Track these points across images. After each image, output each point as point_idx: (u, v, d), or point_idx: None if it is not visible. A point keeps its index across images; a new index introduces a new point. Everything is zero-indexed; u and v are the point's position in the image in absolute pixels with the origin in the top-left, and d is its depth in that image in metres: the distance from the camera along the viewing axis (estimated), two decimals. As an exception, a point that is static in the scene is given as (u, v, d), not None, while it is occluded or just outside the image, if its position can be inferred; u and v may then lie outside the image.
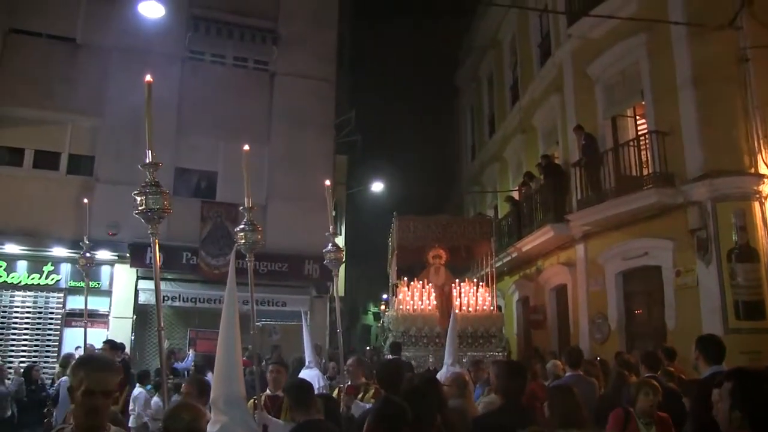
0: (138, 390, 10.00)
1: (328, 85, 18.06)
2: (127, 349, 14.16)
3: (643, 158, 12.34)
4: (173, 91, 16.09)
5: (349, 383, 7.26)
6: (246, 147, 5.58)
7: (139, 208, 4.06)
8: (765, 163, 11.01)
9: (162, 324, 4.37)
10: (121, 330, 14.74)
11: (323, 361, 12.89)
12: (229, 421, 3.94)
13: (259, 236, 5.72)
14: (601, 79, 14.00)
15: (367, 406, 6.35)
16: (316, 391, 5.66)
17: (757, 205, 10.82)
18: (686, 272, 11.18)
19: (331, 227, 7.00)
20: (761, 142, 11.12)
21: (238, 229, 5.65)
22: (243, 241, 5.54)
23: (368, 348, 29.71)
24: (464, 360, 11.01)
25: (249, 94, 17.05)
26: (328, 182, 7.01)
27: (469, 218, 15.80)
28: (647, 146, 12.15)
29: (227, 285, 4.46)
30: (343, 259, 7.17)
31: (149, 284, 15.42)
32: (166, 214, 4.14)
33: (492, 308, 12.35)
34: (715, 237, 10.73)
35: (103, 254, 15.02)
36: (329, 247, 7.08)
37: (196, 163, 16.18)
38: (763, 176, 10.87)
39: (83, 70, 15.66)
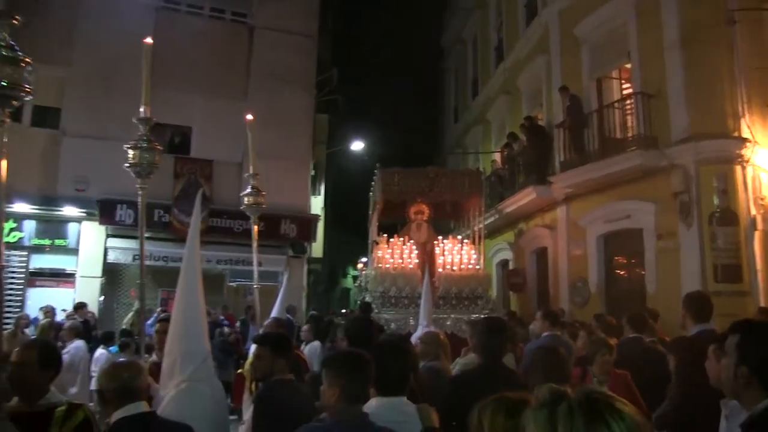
0: (100, 351, 9.58)
1: (310, 40, 17.61)
2: (95, 310, 13.86)
3: (628, 121, 12.21)
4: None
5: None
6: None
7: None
8: (748, 127, 10.93)
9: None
10: (88, 290, 14.42)
11: (296, 322, 12.73)
12: (194, 380, 3.70)
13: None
14: (588, 40, 13.75)
15: None
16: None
17: (739, 168, 10.77)
18: (668, 235, 11.10)
19: (251, 167, 6.71)
20: (745, 105, 11.05)
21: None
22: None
23: (344, 311, 29.58)
24: (448, 323, 10.79)
25: (226, 47, 16.57)
26: (250, 116, 6.75)
27: (457, 170, 15.22)
28: (632, 108, 12.00)
29: (188, 235, 4.16)
30: (264, 204, 6.92)
31: (119, 242, 15.04)
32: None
33: (478, 267, 12.03)
34: (697, 200, 10.69)
35: (70, 211, 14.61)
36: (248, 189, 6.78)
37: (170, 118, 15.51)
38: (746, 140, 10.80)
39: (49, 16, 14.82)
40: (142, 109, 4.57)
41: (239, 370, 6.23)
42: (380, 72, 42.78)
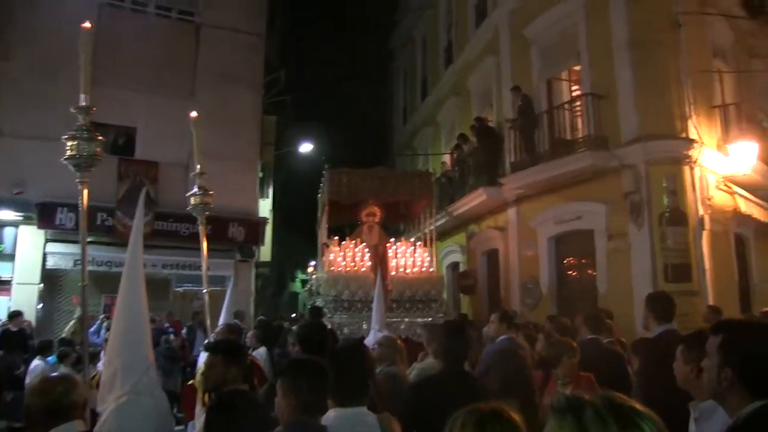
0: (36, 362, 9.14)
1: (258, 39, 17.29)
2: (32, 318, 13.31)
3: (578, 122, 12.26)
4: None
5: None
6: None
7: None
8: (695, 128, 11.11)
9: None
10: (25, 297, 13.83)
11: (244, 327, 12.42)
12: (136, 393, 3.43)
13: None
14: (538, 41, 13.78)
15: None
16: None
17: (687, 169, 10.94)
18: (618, 236, 11.17)
19: (197, 166, 6.48)
20: (692, 107, 11.26)
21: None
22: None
23: (294, 315, 29.20)
24: (402, 326, 10.62)
25: (172, 45, 16.11)
26: (194, 113, 6.53)
27: (407, 172, 15.10)
28: (582, 109, 12.03)
29: (131, 237, 3.88)
30: (211, 205, 6.67)
31: (59, 247, 14.45)
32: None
33: (432, 270, 11.90)
34: (647, 200, 10.79)
35: (6, 214, 14.00)
36: (195, 189, 6.55)
37: (114, 118, 15.02)
38: (693, 141, 10.96)
39: (-20, 10, 14.22)
40: (81, 98, 4.22)
41: (190, 381, 5.92)
42: (329, 74, 42.54)
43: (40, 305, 14.41)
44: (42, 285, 14.47)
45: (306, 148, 24.29)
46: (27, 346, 10.82)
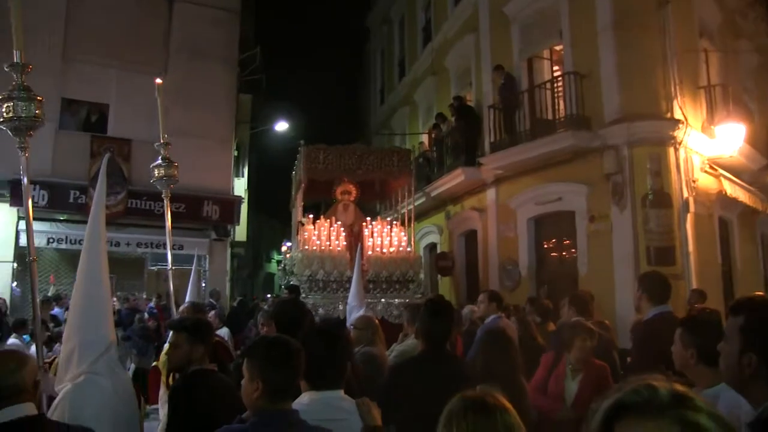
0: (12, 340, 8.88)
1: (232, 15, 16.87)
2: (7, 297, 12.99)
3: (560, 102, 12.02)
4: (58, 14, 14.51)
5: None
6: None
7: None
8: (680, 108, 10.91)
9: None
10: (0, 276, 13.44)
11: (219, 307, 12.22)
12: (92, 373, 3.17)
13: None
14: (518, 19, 13.48)
15: None
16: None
17: (672, 150, 10.74)
18: (600, 218, 10.98)
19: (162, 136, 6.15)
20: (677, 87, 11.05)
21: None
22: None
23: (269, 296, 28.92)
24: (378, 307, 10.38)
25: (145, 20, 15.63)
26: (159, 80, 6.24)
27: (386, 149, 14.77)
28: (564, 89, 11.81)
29: (92, 209, 3.60)
30: (177, 178, 6.32)
31: (34, 225, 14.08)
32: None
33: (409, 249, 11.66)
34: (630, 182, 10.59)
35: (-25, 192, 13.56)
36: (159, 161, 6.23)
37: (86, 94, 14.87)
38: (678, 121, 10.76)
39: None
40: (15, 55, 3.80)
41: (154, 363, 5.66)
42: (305, 53, 42.06)
43: (14, 283, 14.05)
44: (16, 263, 14.05)
45: (282, 127, 23.84)
46: (2, 324, 10.53)
